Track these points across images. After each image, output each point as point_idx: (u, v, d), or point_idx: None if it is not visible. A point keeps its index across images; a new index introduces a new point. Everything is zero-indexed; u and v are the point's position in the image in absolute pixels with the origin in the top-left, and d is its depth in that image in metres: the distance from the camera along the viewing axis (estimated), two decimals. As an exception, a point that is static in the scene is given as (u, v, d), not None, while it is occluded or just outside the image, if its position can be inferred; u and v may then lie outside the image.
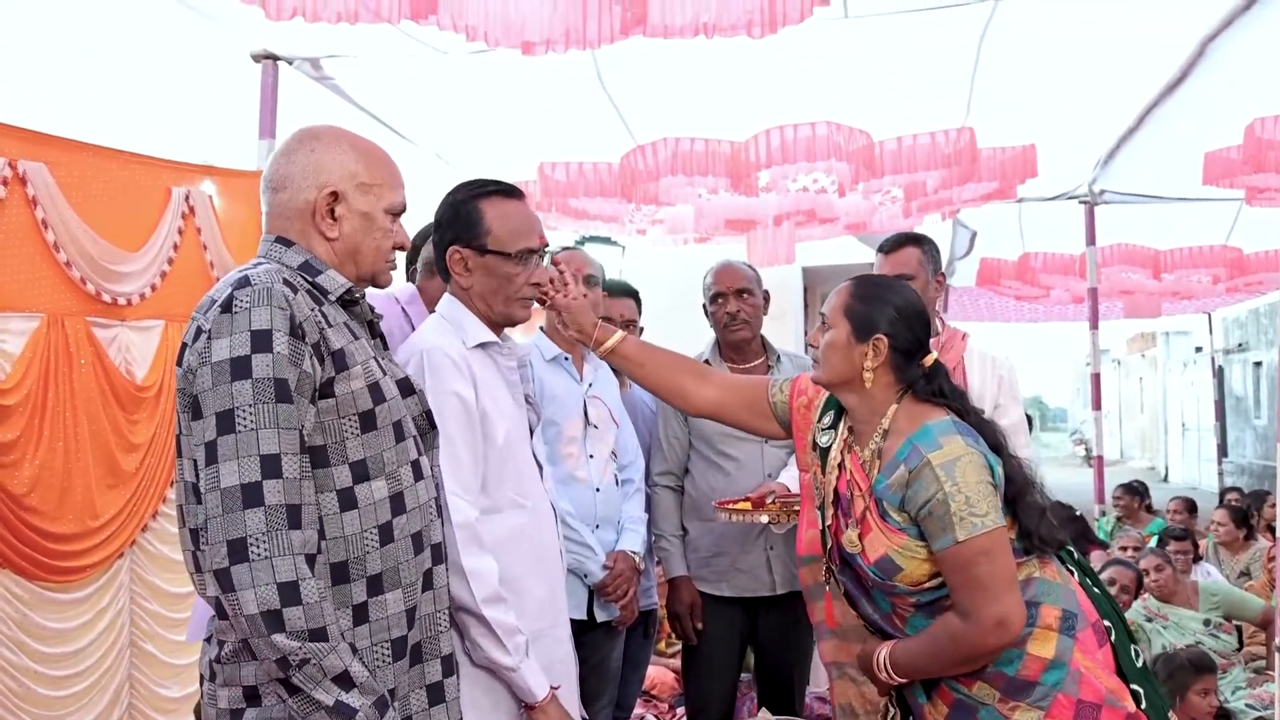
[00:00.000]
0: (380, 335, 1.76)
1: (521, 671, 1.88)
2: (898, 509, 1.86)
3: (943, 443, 1.83)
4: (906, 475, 1.84)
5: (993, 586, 1.79)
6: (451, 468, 1.88)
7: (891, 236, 2.99)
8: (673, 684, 4.34)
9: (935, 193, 4.73)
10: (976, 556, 1.78)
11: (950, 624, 1.84)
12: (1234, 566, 5.91)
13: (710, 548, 3.06)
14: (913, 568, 1.86)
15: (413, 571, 1.61)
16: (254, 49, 3.50)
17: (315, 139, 1.66)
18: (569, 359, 2.81)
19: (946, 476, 1.79)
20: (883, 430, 1.93)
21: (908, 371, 1.95)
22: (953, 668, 1.87)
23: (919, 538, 1.85)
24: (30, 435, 2.95)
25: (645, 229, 5.32)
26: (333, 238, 1.64)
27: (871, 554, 1.89)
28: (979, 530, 1.77)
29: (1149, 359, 26.22)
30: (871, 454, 1.93)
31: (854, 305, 1.97)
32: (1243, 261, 7.18)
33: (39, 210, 2.88)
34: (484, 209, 2.06)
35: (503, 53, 3.12)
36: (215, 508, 1.41)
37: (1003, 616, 1.79)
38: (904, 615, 1.94)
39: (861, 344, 1.94)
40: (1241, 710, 3.79)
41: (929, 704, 1.95)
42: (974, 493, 1.79)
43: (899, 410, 1.94)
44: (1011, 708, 1.84)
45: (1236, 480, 14.21)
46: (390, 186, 1.69)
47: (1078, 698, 1.83)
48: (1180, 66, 3.86)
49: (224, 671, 1.51)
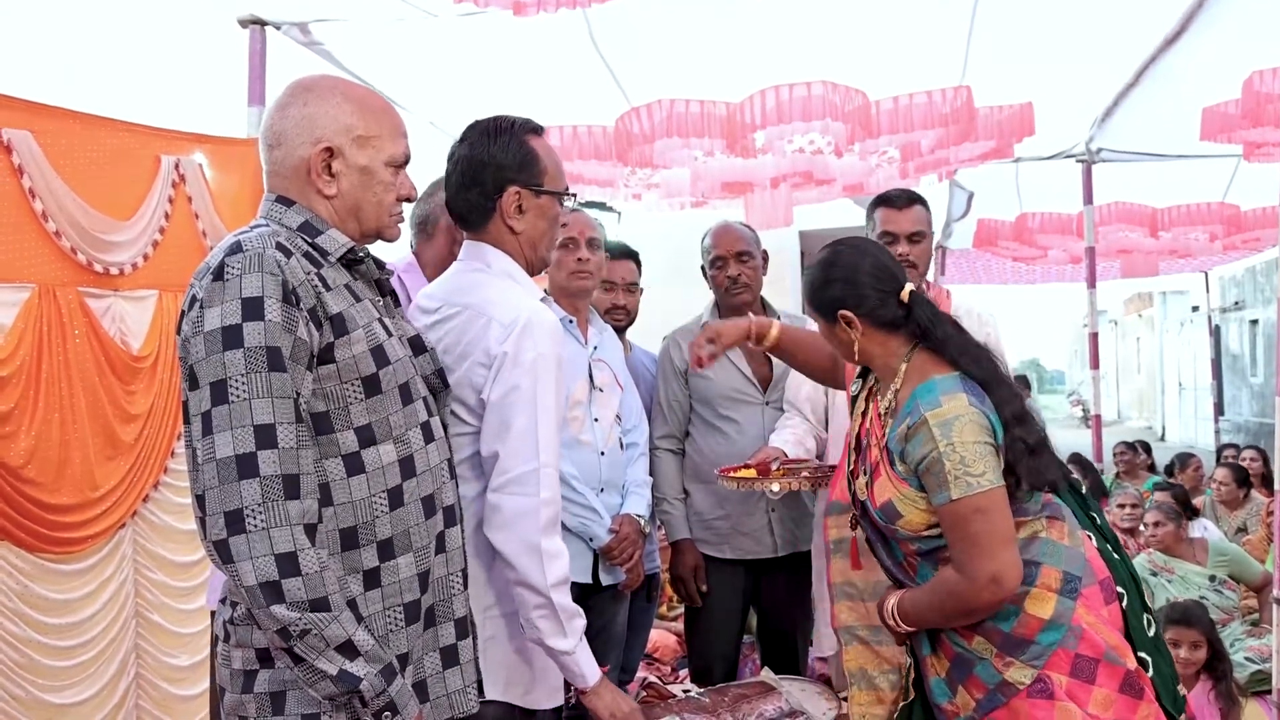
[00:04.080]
0: (391, 293, 1.70)
1: (577, 655, 1.86)
2: (900, 459, 1.90)
3: (943, 400, 1.84)
4: (907, 430, 1.87)
5: (987, 544, 1.80)
6: (547, 440, 1.82)
7: (898, 191, 2.91)
8: (675, 647, 4.37)
9: (932, 152, 4.69)
10: (971, 514, 1.80)
11: (948, 577, 1.87)
12: (1231, 523, 5.95)
13: (712, 510, 3.07)
14: (912, 515, 1.90)
15: (424, 535, 1.60)
16: (241, 14, 3.44)
17: (308, 91, 1.60)
18: (573, 322, 2.78)
19: (942, 435, 1.81)
20: (896, 386, 1.99)
21: (893, 318, 1.98)
22: (953, 619, 1.90)
23: (920, 489, 1.88)
24: (25, 407, 2.94)
25: (641, 193, 5.27)
26: (331, 195, 1.60)
27: (878, 499, 1.95)
28: (974, 490, 1.79)
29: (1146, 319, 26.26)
30: (888, 405, 1.99)
31: (811, 299, 2.07)
32: (1240, 219, 7.15)
33: (26, 179, 2.84)
34: (535, 146, 1.96)
35: (494, 14, 3.07)
36: (212, 479, 1.39)
37: (996, 573, 1.80)
38: (913, 564, 1.98)
39: (835, 325, 2.02)
40: (1240, 664, 3.82)
41: (932, 656, 1.98)
42: (969, 452, 1.80)
43: (909, 366, 1.98)
44: (1007, 663, 1.86)
45: (1233, 438, 14.28)
46: (390, 137, 1.63)
47: (1075, 652, 1.84)
48: (1178, 20, 3.82)
49: (237, 633, 1.51)
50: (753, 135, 4.11)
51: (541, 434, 1.81)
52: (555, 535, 1.83)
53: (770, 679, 2.64)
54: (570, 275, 2.74)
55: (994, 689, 1.87)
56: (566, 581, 1.84)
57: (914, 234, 2.82)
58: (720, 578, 3.08)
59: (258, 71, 3.46)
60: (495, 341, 1.82)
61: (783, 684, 2.60)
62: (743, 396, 3.09)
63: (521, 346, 1.81)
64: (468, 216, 2.00)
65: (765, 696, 2.51)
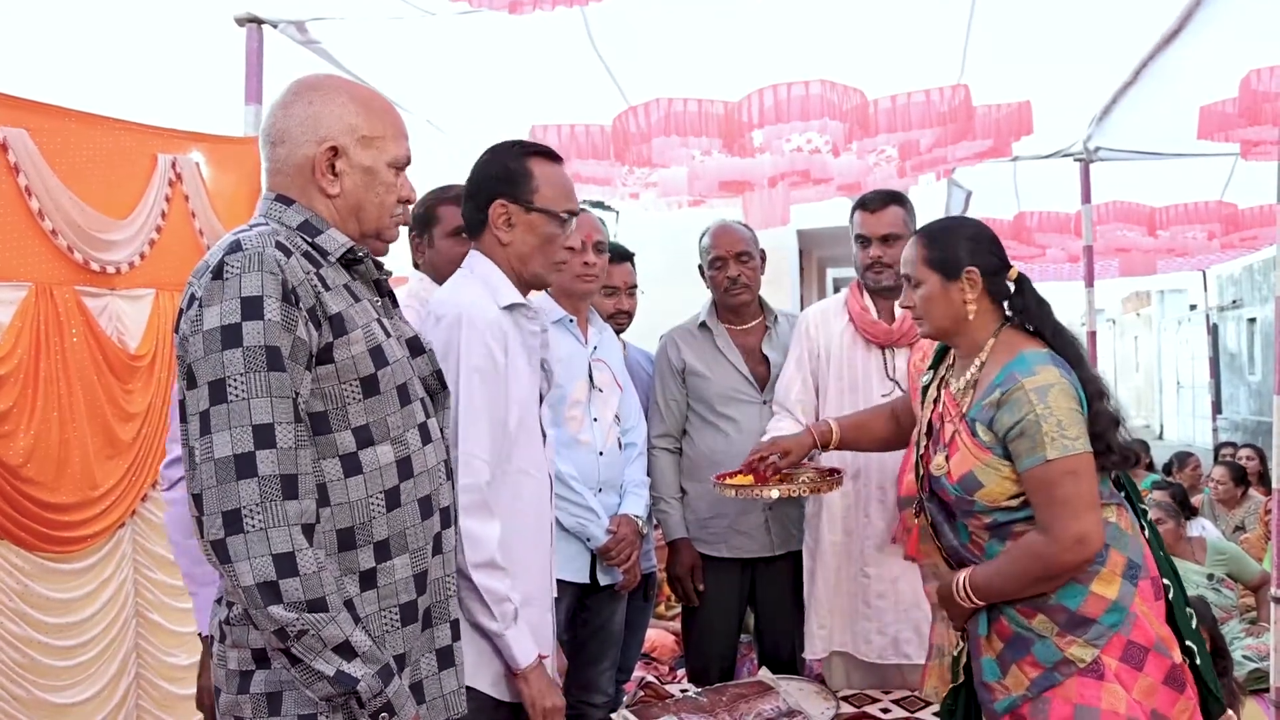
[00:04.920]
0: (389, 293, 1.71)
1: (506, 638, 1.91)
2: (987, 428, 1.96)
3: (1038, 370, 1.92)
4: (1000, 396, 1.93)
5: (1076, 504, 1.87)
6: (471, 429, 1.89)
7: (874, 194, 2.95)
8: (673, 646, 4.37)
9: (930, 151, 4.69)
10: (1063, 476, 1.87)
11: (1031, 541, 1.92)
12: (1229, 521, 5.96)
13: (709, 509, 3.07)
14: (993, 484, 1.95)
15: (421, 536, 1.59)
16: (238, 12, 3.44)
17: (313, 90, 1.60)
18: (573, 321, 2.78)
19: (1039, 400, 1.89)
20: (980, 361, 2.04)
21: (1001, 290, 2.07)
22: (1031, 586, 1.95)
23: (1004, 456, 1.94)
24: (23, 406, 2.93)
25: (639, 192, 5.27)
26: (334, 194, 1.59)
27: (956, 472, 2.00)
28: (1069, 451, 1.87)
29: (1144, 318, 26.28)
30: (967, 383, 2.05)
31: (932, 254, 2.09)
32: (1237, 217, 7.15)
33: (22, 177, 2.83)
34: (533, 167, 2.07)
35: (491, 13, 3.07)
36: (210, 478, 1.39)
37: (1082, 533, 1.87)
38: (980, 543, 2.04)
39: (955, 282, 2.06)
40: (1239, 662, 3.83)
41: (986, 638, 2.03)
42: (1065, 417, 1.88)
43: (997, 343, 2.05)
44: (1068, 641, 1.91)
45: (1231, 437, 14.29)
46: (393, 138, 1.63)
47: (1128, 638, 1.90)
48: (1176, 18, 3.81)
49: (233, 633, 1.51)
50: (750, 134, 4.10)
51: (464, 421, 1.89)
52: (476, 518, 1.87)
53: (768, 678, 2.64)
54: (576, 278, 2.74)
55: (1051, 668, 1.92)
56: (490, 564, 1.89)
57: (887, 236, 2.84)
58: (717, 577, 3.09)
59: (255, 70, 3.45)
60: (431, 332, 1.92)
61: (780, 683, 2.61)
62: (740, 395, 3.09)
63: (450, 339, 1.92)
64: (469, 226, 2.14)
65: (763, 696, 2.51)
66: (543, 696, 1.95)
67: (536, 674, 1.95)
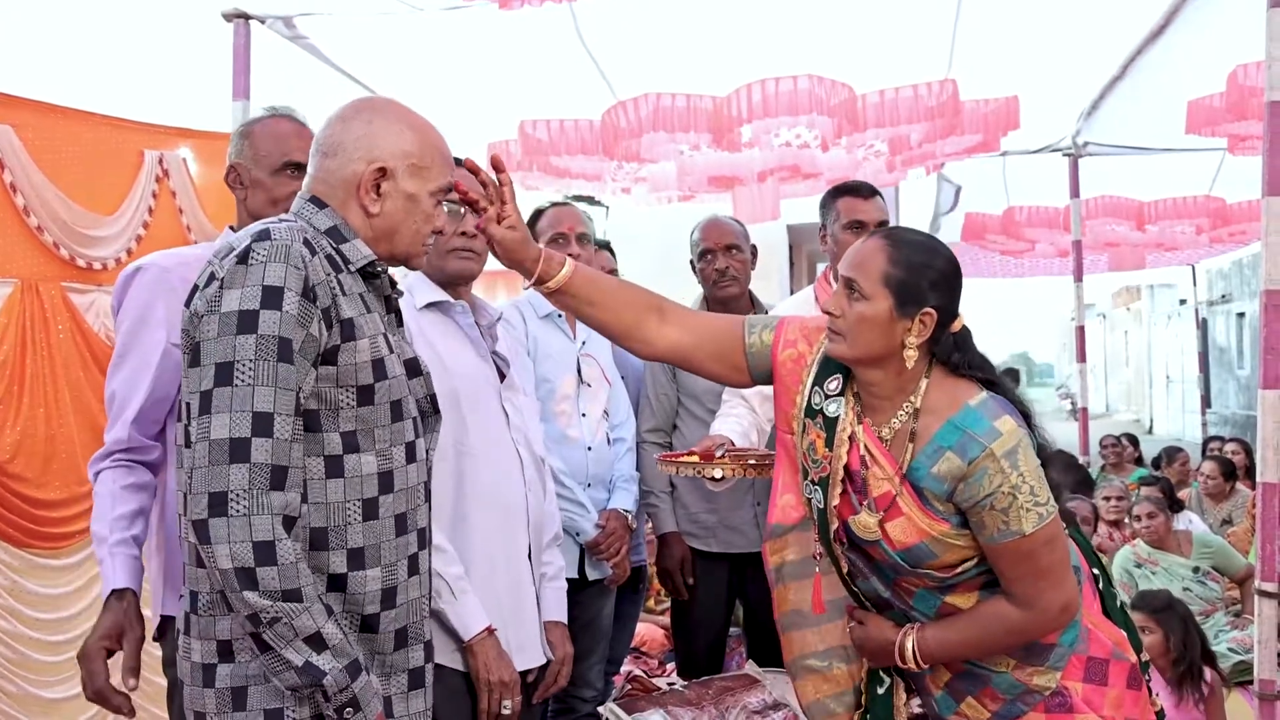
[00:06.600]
0: (396, 311, 1.73)
1: (446, 612, 1.93)
2: (944, 499, 1.72)
3: (999, 428, 1.68)
4: (965, 467, 1.68)
5: (1057, 572, 1.72)
6: None
7: (858, 182, 2.91)
8: (663, 640, 4.38)
9: (919, 146, 4.70)
10: (1042, 546, 1.69)
11: (1006, 614, 1.74)
12: (1216, 515, 5.99)
13: (698, 504, 3.07)
14: (948, 555, 1.74)
15: (394, 552, 1.60)
16: (225, 7, 3.42)
17: (374, 111, 1.64)
18: (562, 316, 2.78)
19: (1011, 468, 1.66)
20: (913, 408, 1.75)
21: (941, 340, 1.75)
22: (999, 651, 1.80)
23: (962, 526, 1.73)
24: (10, 402, 2.94)
25: (629, 187, 5.27)
26: (374, 213, 1.62)
27: (900, 540, 1.74)
28: (1045, 520, 1.68)
29: (1134, 312, 26.39)
30: (900, 434, 1.75)
31: (896, 274, 1.71)
32: (1226, 212, 7.19)
33: (7, 174, 2.83)
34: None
35: (479, 9, 3.07)
36: (202, 458, 1.40)
37: (1067, 601, 1.73)
38: (911, 591, 1.82)
39: (905, 319, 1.71)
40: (1224, 654, 3.85)
41: (931, 675, 1.88)
42: (1035, 480, 1.68)
43: (930, 385, 1.75)
44: (1030, 672, 1.80)
45: (1220, 431, 14.36)
46: (440, 169, 1.67)
47: (1088, 655, 1.80)
48: (1163, 14, 3.83)
49: (199, 624, 1.51)
50: (739, 129, 4.11)
51: None
52: None
53: (754, 671, 2.65)
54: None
55: (1014, 698, 1.81)
56: None
57: (881, 223, 2.83)
58: (706, 572, 3.09)
59: (242, 65, 3.44)
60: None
61: (766, 676, 2.62)
62: (729, 390, 3.09)
63: None
64: None
65: (749, 689, 2.52)
66: (489, 669, 1.96)
67: (483, 645, 1.96)
